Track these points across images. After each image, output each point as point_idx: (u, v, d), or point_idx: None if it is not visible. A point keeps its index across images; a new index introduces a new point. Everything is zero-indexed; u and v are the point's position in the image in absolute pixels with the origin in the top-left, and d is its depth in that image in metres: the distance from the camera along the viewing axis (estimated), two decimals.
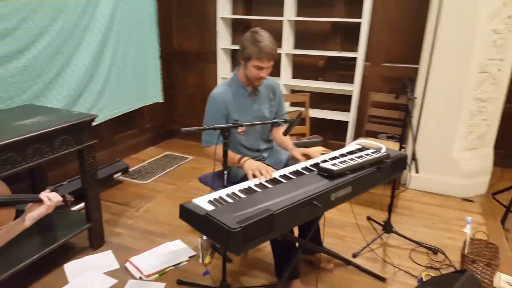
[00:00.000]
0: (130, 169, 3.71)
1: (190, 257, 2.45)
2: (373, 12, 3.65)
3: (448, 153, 3.34)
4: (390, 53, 3.79)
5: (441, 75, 3.20)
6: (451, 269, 2.34)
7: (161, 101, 4.13)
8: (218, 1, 3.99)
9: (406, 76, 2.66)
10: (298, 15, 3.92)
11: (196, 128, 1.72)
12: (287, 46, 3.90)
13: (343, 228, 2.83)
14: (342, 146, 2.31)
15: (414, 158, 2.62)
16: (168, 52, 4.38)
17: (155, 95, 4.04)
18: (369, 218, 2.95)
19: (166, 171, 3.80)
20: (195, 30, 4.42)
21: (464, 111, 3.22)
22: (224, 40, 4.18)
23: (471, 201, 3.32)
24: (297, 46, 4.07)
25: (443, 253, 2.51)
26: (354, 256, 2.49)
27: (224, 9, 4.07)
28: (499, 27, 3.02)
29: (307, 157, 2.06)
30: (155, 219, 2.91)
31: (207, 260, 2.41)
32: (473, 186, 3.40)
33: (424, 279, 2.25)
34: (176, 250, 2.51)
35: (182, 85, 4.69)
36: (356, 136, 3.82)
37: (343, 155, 2.05)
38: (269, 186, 1.73)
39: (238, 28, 4.30)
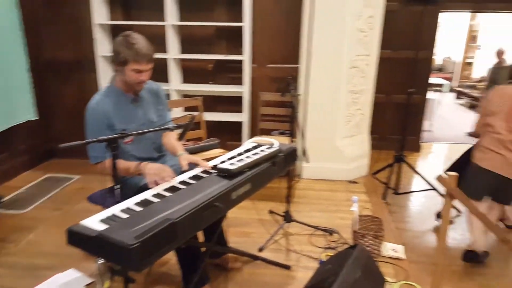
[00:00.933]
0: (4, 199, 3.23)
1: (87, 285, 2.22)
2: (253, 16, 3.80)
3: (332, 142, 3.66)
4: (273, 54, 4.00)
5: (319, 72, 3.49)
6: (346, 246, 2.56)
7: (34, 118, 3.66)
8: (92, 7, 3.70)
9: (289, 76, 2.84)
10: (181, 19, 3.87)
11: (77, 142, 1.55)
12: (173, 51, 3.82)
13: (247, 225, 2.88)
14: (239, 146, 2.34)
15: (303, 149, 2.80)
16: (38, 63, 3.92)
17: (26, 112, 3.58)
18: (271, 212, 3.07)
19: (48, 196, 3.38)
20: (69, 38, 4.04)
21: (341, 103, 3.56)
22: (103, 47, 3.90)
23: (355, 182, 3.70)
24: (184, 50, 4.01)
25: (338, 233, 2.74)
26: (260, 250, 2.55)
27: (100, 14, 3.79)
28: (363, 26, 3.42)
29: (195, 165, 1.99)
30: (40, 252, 2.57)
31: (106, 285, 2.20)
32: (356, 169, 3.79)
33: (324, 260, 2.42)
34: (69, 280, 2.25)
35: (59, 98, 4.23)
36: (252, 135, 3.93)
37: (240, 154, 2.08)
38: (168, 194, 1.66)
39: (117, 34, 3.98)
